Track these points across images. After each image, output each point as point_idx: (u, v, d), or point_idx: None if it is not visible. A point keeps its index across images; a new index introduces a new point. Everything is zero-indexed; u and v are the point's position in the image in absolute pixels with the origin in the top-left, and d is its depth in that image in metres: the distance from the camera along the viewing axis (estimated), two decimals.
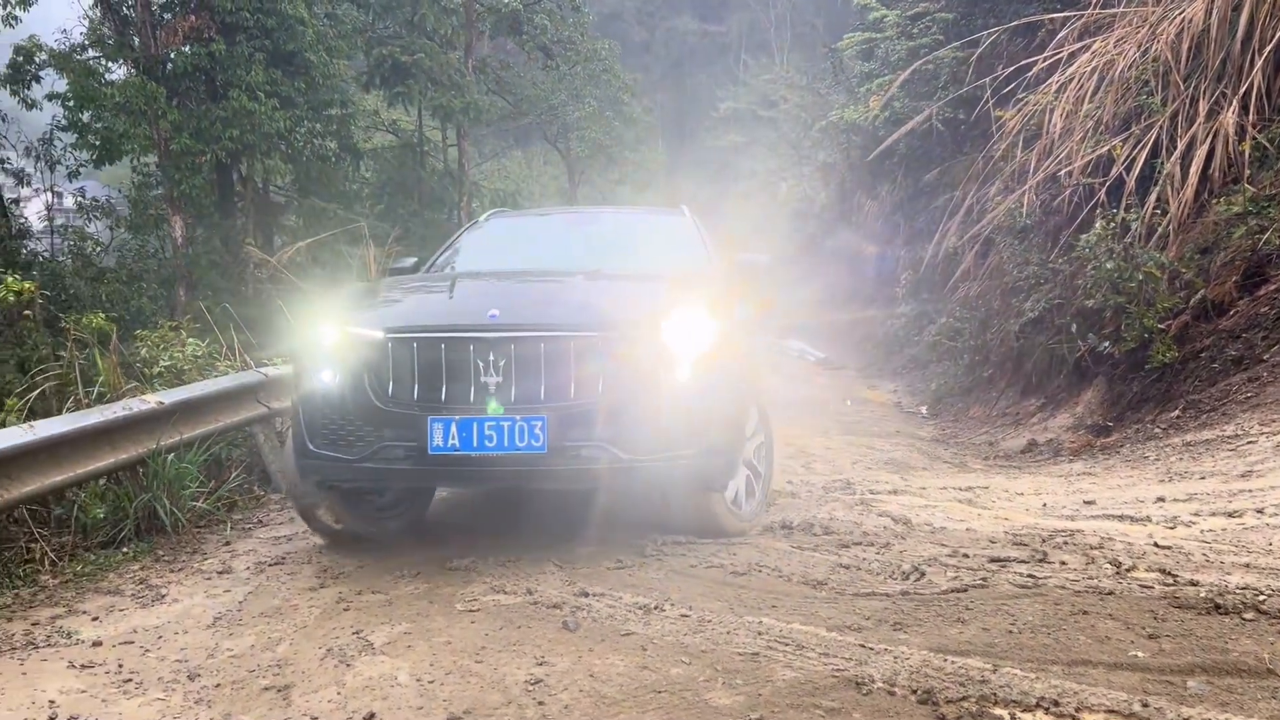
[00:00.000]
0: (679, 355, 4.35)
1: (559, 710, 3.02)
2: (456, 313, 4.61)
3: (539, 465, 4.17)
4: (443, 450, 4.16)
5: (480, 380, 4.19)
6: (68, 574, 4.88)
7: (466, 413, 4.17)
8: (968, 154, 17.24)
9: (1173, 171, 10.10)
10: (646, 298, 4.75)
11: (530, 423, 4.14)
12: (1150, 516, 5.19)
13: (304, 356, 4.69)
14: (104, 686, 3.51)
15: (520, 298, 4.88)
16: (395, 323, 4.46)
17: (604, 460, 4.18)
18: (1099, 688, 2.83)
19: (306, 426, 4.49)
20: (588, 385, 4.22)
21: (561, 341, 4.24)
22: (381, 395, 4.31)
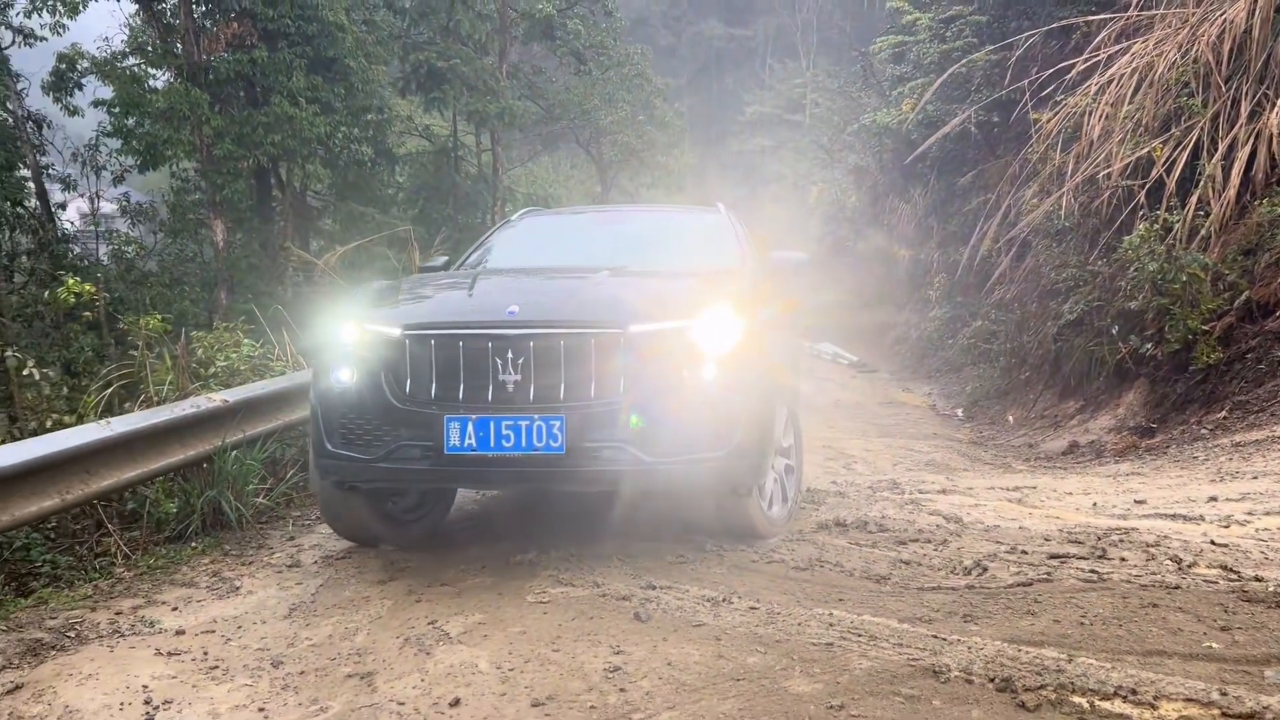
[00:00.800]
0: (704, 354, 4.20)
1: (641, 697, 3.10)
2: (475, 309, 4.53)
3: (557, 466, 4.08)
4: (459, 450, 4.08)
5: (499, 379, 4.10)
6: (141, 567, 5.01)
7: (484, 412, 4.08)
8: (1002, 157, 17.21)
9: (1214, 173, 10.07)
10: (672, 295, 4.60)
11: (549, 422, 4.03)
12: (1204, 516, 5.21)
13: (321, 354, 4.63)
14: (192, 673, 3.63)
15: (541, 294, 4.71)
16: (413, 320, 4.36)
17: (625, 462, 4.06)
18: (1176, 677, 2.88)
19: (324, 425, 4.43)
20: (609, 384, 4.11)
21: (582, 339, 4.13)
22: (399, 394, 4.24)
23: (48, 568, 4.98)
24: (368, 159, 18.69)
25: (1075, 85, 12.97)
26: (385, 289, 5.04)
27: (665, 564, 4.50)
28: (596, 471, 4.11)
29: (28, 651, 3.89)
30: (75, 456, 4.59)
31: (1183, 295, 9.16)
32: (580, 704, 3.09)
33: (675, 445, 4.14)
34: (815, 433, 12.47)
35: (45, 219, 15.93)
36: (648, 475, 4.13)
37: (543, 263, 5.81)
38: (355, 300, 4.81)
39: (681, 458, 4.15)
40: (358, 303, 4.74)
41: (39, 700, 3.42)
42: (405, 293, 4.91)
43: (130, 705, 3.34)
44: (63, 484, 4.54)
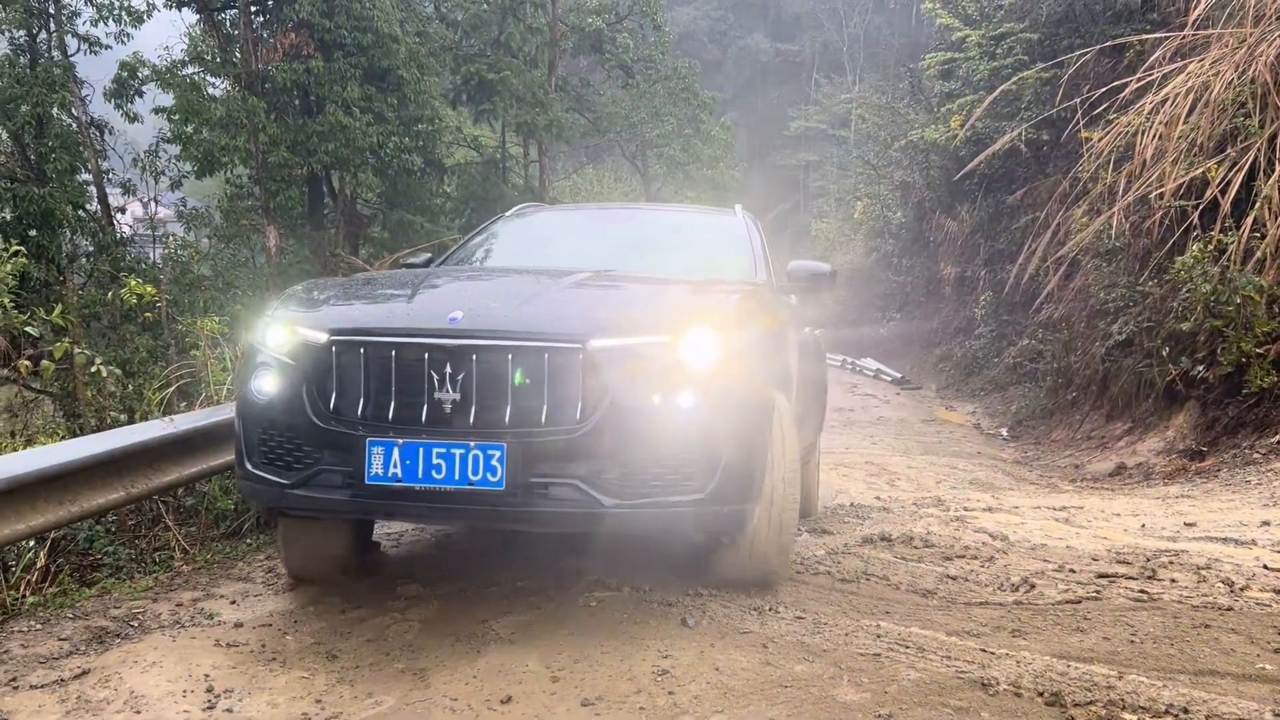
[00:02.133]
0: (681, 377, 3.55)
1: (689, 700, 3.14)
2: (413, 314, 3.83)
3: (496, 504, 3.48)
4: (382, 480, 3.49)
5: (434, 396, 3.50)
6: (199, 562, 5.14)
7: (413, 435, 3.49)
8: (1052, 175, 17.09)
9: (1271, 194, 9.96)
10: (648, 305, 3.96)
11: (486, 452, 3.43)
12: (1256, 540, 5.16)
13: (245, 359, 4.10)
14: (251, 664, 3.73)
15: (493, 299, 3.93)
16: (342, 323, 3.75)
17: (577, 503, 3.48)
18: (1228, 697, 2.87)
19: (244, 441, 3.90)
20: (563, 409, 3.48)
21: (533, 354, 3.51)
22: (321, 410, 3.64)
23: (110, 560, 5.14)
24: (417, 168, 18.99)
25: (1128, 104, 12.87)
26: (325, 286, 4.35)
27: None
28: (542, 513, 3.53)
29: (94, 639, 4.02)
30: (141, 451, 4.73)
31: (1236, 317, 9.06)
32: (629, 705, 3.15)
33: (640, 486, 3.51)
34: (858, 448, 12.45)
35: (105, 222, 16.36)
36: (605, 520, 3.52)
37: (523, 264, 5.12)
38: (289, 299, 4.17)
39: (647, 501, 3.51)
40: (290, 302, 4.13)
41: (105, 685, 3.53)
42: (343, 292, 4.28)
43: (193, 693, 3.45)
44: (128, 478, 4.68)
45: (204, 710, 3.31)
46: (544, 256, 5.26)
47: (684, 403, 3.54)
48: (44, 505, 4.20)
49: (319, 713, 3.25)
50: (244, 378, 3.98)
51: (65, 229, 15.31)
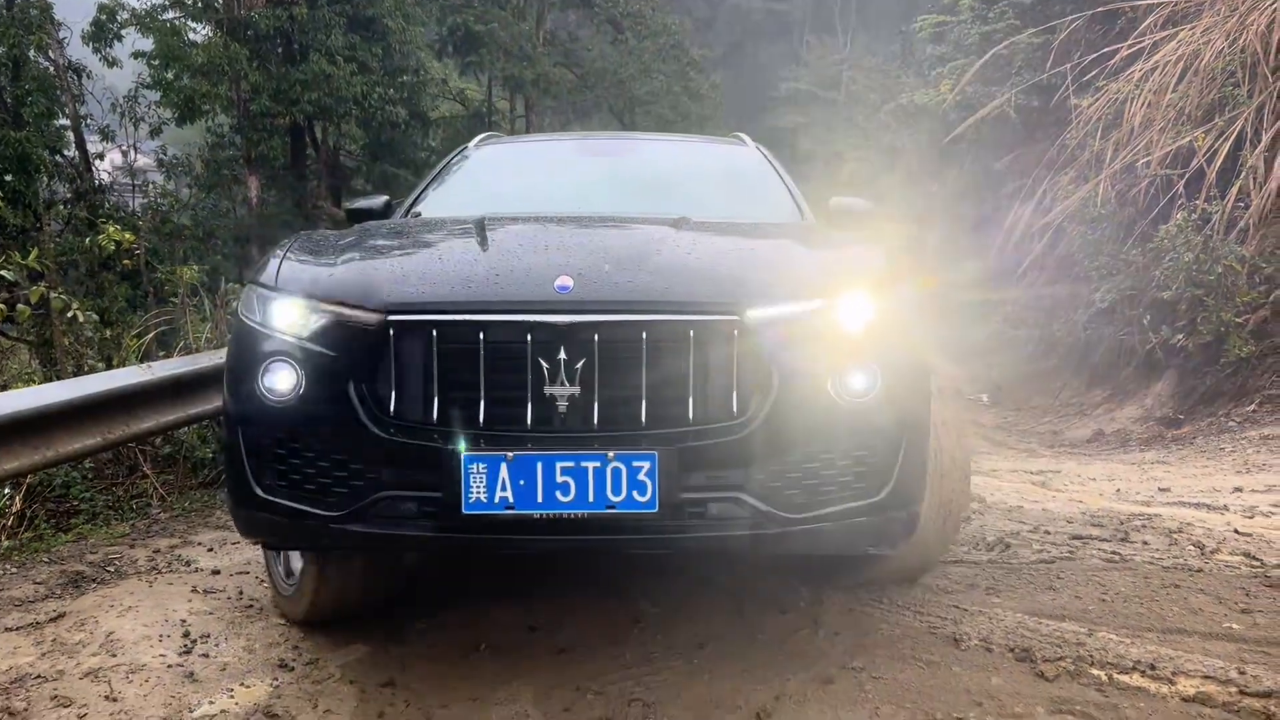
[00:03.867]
0: (851, 351, 2.83)
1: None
2: (502, 282, 2.84)
3: (644, 532, 2.69)
4: (487, 509, 2.63)
5: (544, 392, 2.68)
6: (176, 509, 5.13)
7: (524, 446, 2.65)
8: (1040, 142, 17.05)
9: (1256, 165, 9.96)
10: (799, 263, 3.17)
11: (631, 464, 2.64)
12: (1228, 506, 5.22)
13: (241, 345, 3.00)
14: (228, 610, 3.73)
15: (599, 257, 3.00)
16: (403, 297, 2.79)
17: (744, 522, 2.73)
18: (1195, 655, 2.92)
19: (248, 457, 2.90)
20: (715, 402, 2.72)
21: (674, 329, 2.71)
22: (378, 413, 2.72)
23: (87, 506, 5.12)
24: (402, 120, 18.74)
25: (1118, 71, 12.83)
26: (338, 241, 3.33)
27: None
28: (701, 538, 2.74)
29: (70, 583, 4.02)
30: (118, 397, 4.69)
31: (1217, 287, 9.10)
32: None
33: (811, 494, 2.79)
34: None
35: (83, 168, 16.11)
36: (775, 540, 2.77)
37: (544, 209, 3.93)
38: (299, 264, 3.11)
39: (822, 512, 2.79)
40: (300, 266, 3.09)
41: (81, 629, 3.53)
42: (371, 249, 3.21)
43: (169, 637, 3.45)
44: (105, 424, 4.64)
45: (180, 654, 3.32)
46: (553, 199, 4.28)
47: (856, 384, 2.80)
48: (19, 449, 4.17)
49: (296, 659, 3.27)
50: (243, 369, 2.92)
51: (42, 174, 15.06)
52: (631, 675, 3.00)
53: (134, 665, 3.22)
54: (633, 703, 2.83)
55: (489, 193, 4.57)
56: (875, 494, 2.83)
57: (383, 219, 4.13)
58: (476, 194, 4.56)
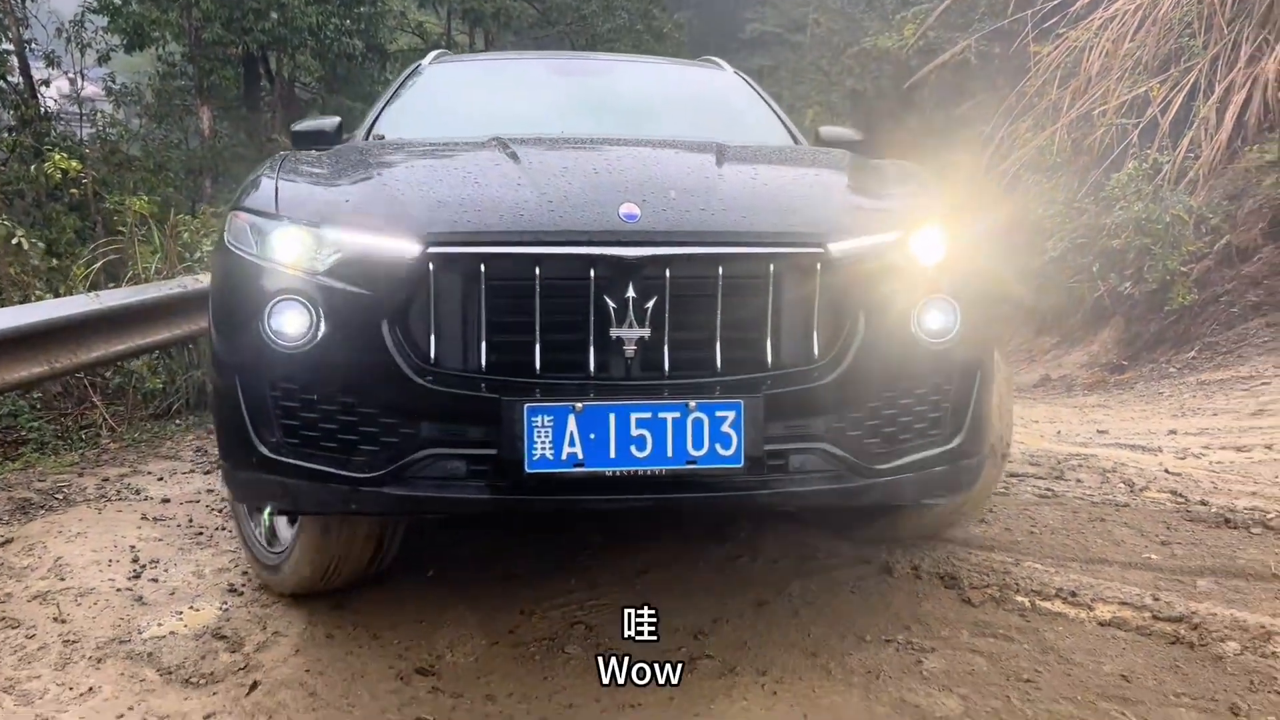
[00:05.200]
0: (928, 287, 2.62)
1: None
2: (558, 210, 2.50)
3: (728, 488, 2.45)
4: (553, 466, 2.34)
5: (610, 334, 2.39)
6: (126, 440, 5.12)
7: (588, 397, 2.36)
8: (1001, 89, 17.11)
9: (1208, 116, 10.11)
10: (861, 192, 2.90)
11: (714, 414, 2.37)
12: (1162, 447, 5.40)
13: (237, 281, 2.60)
14: (178, 537, 3.76)
15: (659, 183, 2.68)
16: (444, 224, 2.45)
17: (825, 475, 2.52)
18: (1114, 583, 3.05)
19: (250, 411, 2.55)
20: (795, 344, 2.50)
21: (752, 263, 2.47)
22: (415, 359, 2.41)
23: (34, 435, 5.09)
24: (359, 53, 18.35)
25: (1079, 19, 12.87)
26: (338, 163, 2.98)
27: None
28: (784, 494, 2.52)
29: (17, 510, 4.02)
30: (65, 326, 4.66)
31: (1165, 236, 9.27)
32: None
33: (894, 441, 2.61)
34: None
35: (28, 95, 15.63)
36: (859, 494, 2.58)
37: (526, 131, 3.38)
38: (292, 180, 2.80)
39: (903, 461, 2.61)
40: (300, 186, 2.79)
41: (29, 553, 3.55)
42: (387, 171, 2.84)
43: (118, 562, 3.48)
44: (52, 352, 4.61)
45: (129, 579, 3.35)
46: (522, 121, 3.80)
47: (936, 321, 2.61)
48: None
49: (245, 584, 3.31)
50: (239, 310, 2.55)
51: None
52: (575, 600, 3.08)
53: (82, 589, 3.25)
54: (575, 625, 2.92)
55: (461, 115, 4.15)
56: (950, 440, 2.67)
57: (335, 143, 3.68)
58: (446, 116, 4.18)
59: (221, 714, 2.52)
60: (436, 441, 2.43)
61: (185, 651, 2.84)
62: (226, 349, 2.65)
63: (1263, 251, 8.49)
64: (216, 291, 2.78)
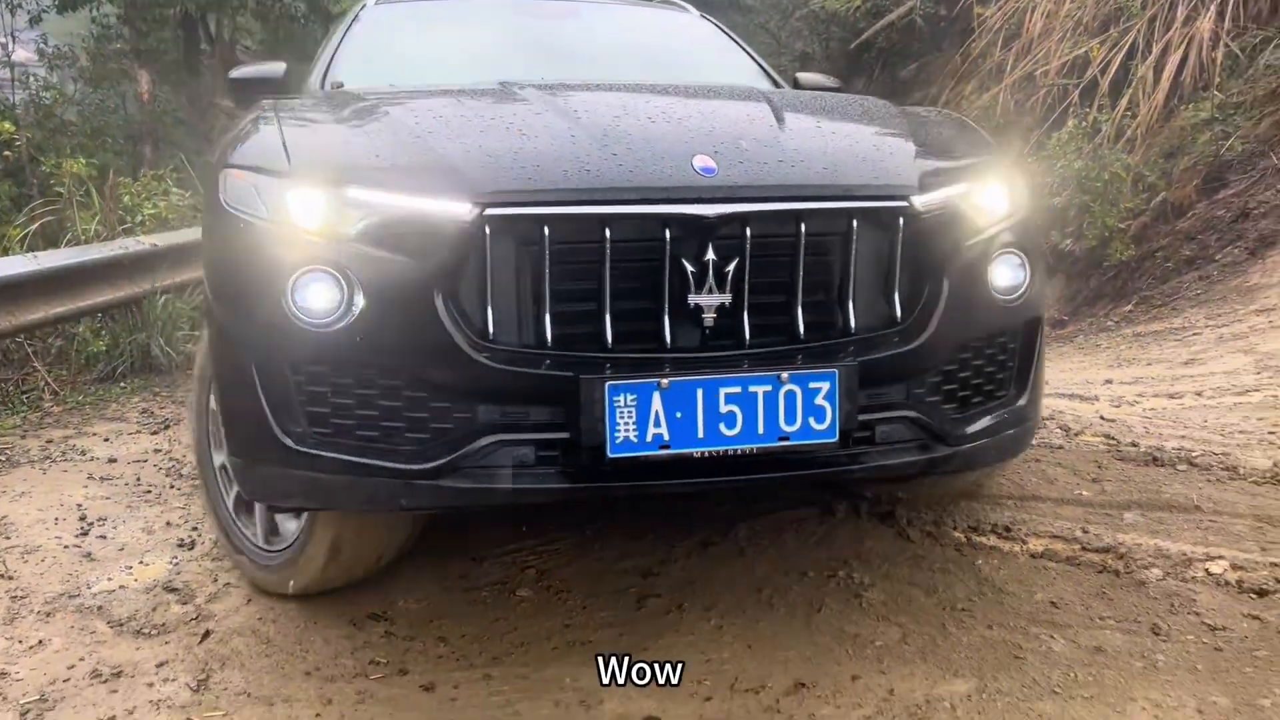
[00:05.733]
0: (998, 241, 2.49)
1: None
2: (625, 160, 2.25)
3: (822, 465, 2.29)
4: (639, 449, 2.10)
5: (688, 301, 2.18)
6: (70, 403, 5.06)
7: (671, 371, 2.13)
8: (946, 51, 17.24)
9: (1146, 75, 10.29)
10: (927, 141, 2.66)
11: (807, 386, 2.17)
12: (1098, 396, 5.55)
13: (245, 250, 2.31)
14: (126, 495, 3.75)
15: (727, 132, 2.47)
16: (501, 181, 2.17)
17: (915, 447, 2.37)
18: (1046, 518, 3.17)
19: (269, 399, 2.25)
20: (876, 306, 2.34)
21: (834, 219, 2.28)
22: (470, 332, 2.14)
23: None
24: (301, 14, 18.00)
25: None
26: (343, 111, 2.65)
27: None
28: (876, 469, 2.35)
29: None
30: (3, 287, 4.58)
31: (1104, 194, 9.46)
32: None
33: (969, 406, 2.49)
34: None
35: None
36: (943, 464, 2.45)
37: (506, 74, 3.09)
38: (300, 130, 2.51)
39: (979, 427, 2.48)
40: (314, 136, 2.54)
41: None
42: (410, 121, 2.48)
43: (65, 520, 3.46)
44: None
45: (76, 536, 3.34)
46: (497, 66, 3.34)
47: (1009, 278, 2.50)
48: None
49: (196, 538, 3.32)
50: (252, 283, 2.26)
51: None
52: (527, 546, 3.13)
53: (29, 546, 3.24)
54: (526, 569, 2.97)
55: (425, 60, 3.85)
56: (1017, 399, 2.57)
57: (283, 92, 3.46)
58: (408, 61, 3.84)
59: (174, 662, 2.54)
60: (499, 426, 2.17)
61: (136, 604, 2.85)
62: (236, 329, 2.33)
63: (1197, 207, 8.70)
64: (217, 262, 2.45)
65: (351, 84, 3.49)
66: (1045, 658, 2.37)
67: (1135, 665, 2.31)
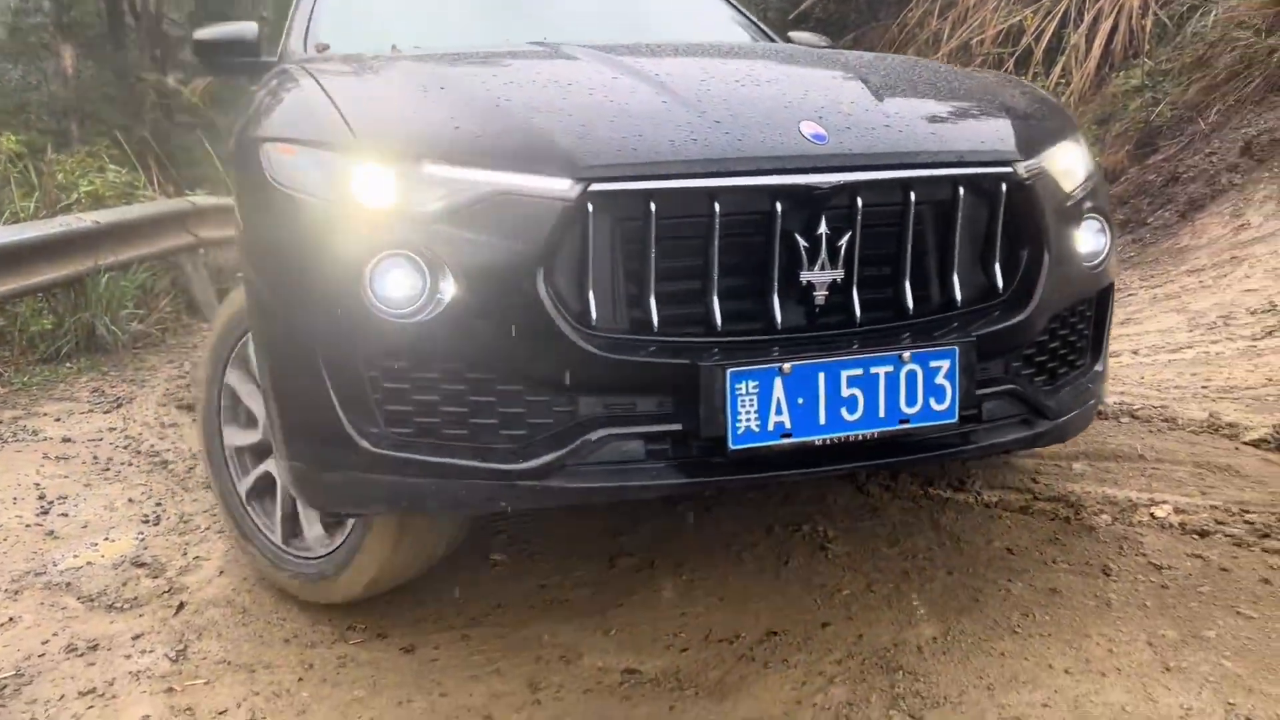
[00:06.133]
0: (1091, 206, 2.45)
1: None
2: (730, 129, 2.09)
3: (941, 446, 2.20)
4: (761, 439, 1.98)
5: (800, 278, 2.06)
6: (16, 384, 4.96)
7: (790, 354, 2.01)
8: (883, 20, 17.41)
9: (1078, 44, 10.53)
10: (1010, 101, 2.54)
11: (928, 364, 2.07)
12: None
13: (305, 232, 2.10)
14: (84, 473, 3.71)
15: (826, 95, 2.37)
16: (606, 154, 1.99)
17: (1020, 424, 2.31)
18: (998, 472, 3.29)
19: (342, 398, 2.05)
20: (982, 276, 2.25)
21: (943, 186, 2.17)
22: (571, 316, 1.97)
23: None
24: None
25: None
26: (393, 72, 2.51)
27: None
28: (988, 447, 2.30)
29: None
30: None
31: None
32: None
33: (1059, 375, 2.44)
34: None
35: None
36: (1044, 438, 2.38)
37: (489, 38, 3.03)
38: (357, 97, 2.28)
39: (1070, 395, 2.43)
40: (377, 105, 2.27)
41: None
42: (480, 89, 2.31)
43: (24, 499, 3.42)
44: None
45: (38, 515, 3.31)
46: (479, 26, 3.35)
47: (1093, 243, 2.44)
48: None
49: (161, 513, 3.31)
50: (319, 270, 2.03)
51: None
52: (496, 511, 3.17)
53: None
54: (498, 534, 3.02)
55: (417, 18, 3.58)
56: (1093, 366, 2.51)
57: (255, 55, 3.34)
58: (399, 22, 3.51)
59: (150, 634, 2.55)
60: (605, 420, 2.01)
61: (105, 580, 2.85)
62: (299, 322, 2.09)
63: (1129, 172, 8.95)
64: (269, 248, 2.21)
65: (339, 47, 3.25)
66: (1004, 600, 2.48)
67: (1089, 604, 2.44)
